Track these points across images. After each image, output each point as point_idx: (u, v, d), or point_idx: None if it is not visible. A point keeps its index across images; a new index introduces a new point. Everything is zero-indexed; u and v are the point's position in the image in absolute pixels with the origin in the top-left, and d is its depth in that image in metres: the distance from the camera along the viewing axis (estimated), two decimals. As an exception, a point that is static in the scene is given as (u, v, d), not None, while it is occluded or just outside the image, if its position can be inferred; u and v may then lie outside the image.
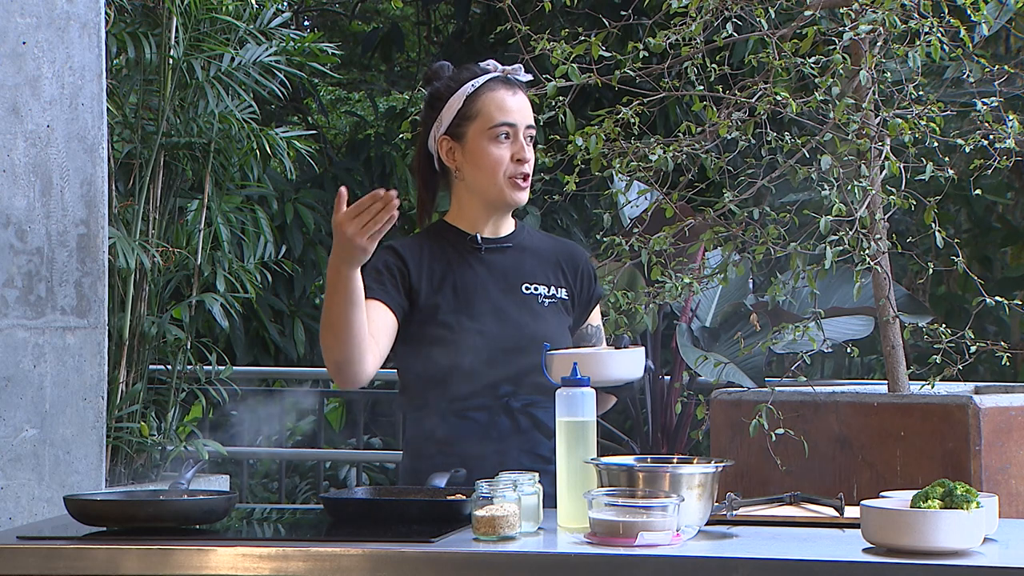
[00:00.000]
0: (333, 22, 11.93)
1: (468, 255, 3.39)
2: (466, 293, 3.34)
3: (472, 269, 3.37)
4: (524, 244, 3.45)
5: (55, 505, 4.60)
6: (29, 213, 4.83)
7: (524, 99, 3.40)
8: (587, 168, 4.46)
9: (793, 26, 4.39)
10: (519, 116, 3.37)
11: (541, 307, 3.38)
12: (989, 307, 4.37)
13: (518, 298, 3.37)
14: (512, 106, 3.36)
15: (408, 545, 2.69)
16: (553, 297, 3.41)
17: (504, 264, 3.40)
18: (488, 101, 3.36)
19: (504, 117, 3.35)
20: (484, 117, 3.35)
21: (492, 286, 3.36)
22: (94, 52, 4.94)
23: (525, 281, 3.40)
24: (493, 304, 3.34)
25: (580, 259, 3.50)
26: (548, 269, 3.44)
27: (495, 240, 3.41)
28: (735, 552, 2.71)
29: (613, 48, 4.57)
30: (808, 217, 4.25)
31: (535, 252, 3.44)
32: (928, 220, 4.23)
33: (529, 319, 3.35)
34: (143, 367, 5.80)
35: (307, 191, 8.81)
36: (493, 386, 3.29)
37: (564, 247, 3.51)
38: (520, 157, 3.34)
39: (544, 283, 3.41)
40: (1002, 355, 4.32)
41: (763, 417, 4.17)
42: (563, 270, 3.45)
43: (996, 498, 2.85)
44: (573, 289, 3.45)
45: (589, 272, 3.49)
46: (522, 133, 3.36)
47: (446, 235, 3.42)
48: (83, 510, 2.88)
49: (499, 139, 3.34)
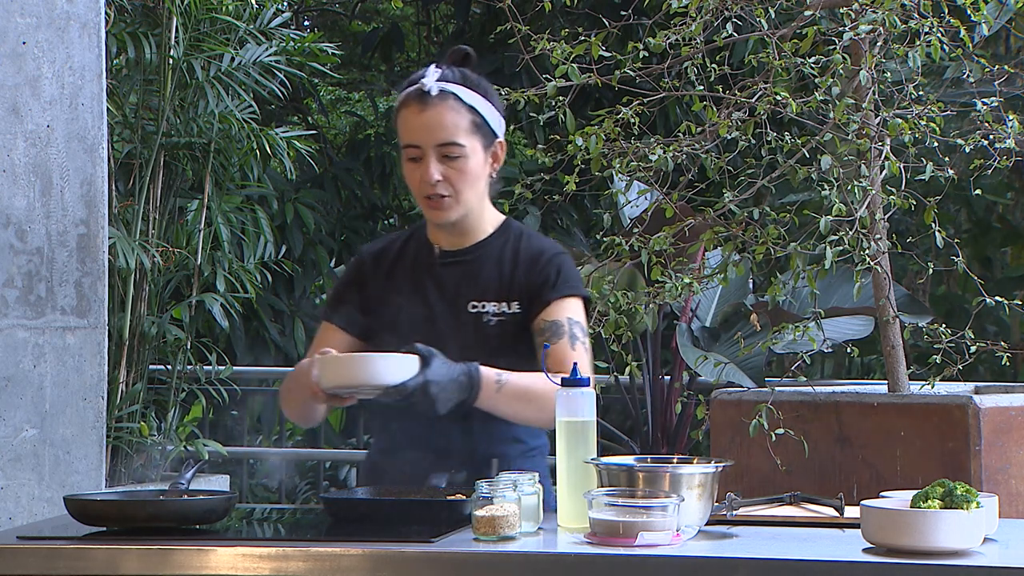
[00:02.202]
0: (333, 22, 11.92)
1: (425, 269, 3.30)
2: (413, 311, 3.27)
3: (424, 285, 3.29)
4: (486, 256, 3.29)
5: (55, 505, 4.60)
6: (29, 213, 4.83)
7: (438, 113, 3.21)
8: (587, 168, 4.46)
9: (793, 26, 4.39)
10: (424, 136, 3.20)
11: (486, 327, 3.24)
12: (989, 307, 4.37)
13: (462, 318, 3.25)
14: (416, 125, 3.21)
15: (408, 545, 2.69)
16: (502, 315, 3.25)
17: (456, 280, 3.28)
18: (401, 120, 3.25)
19: (409, 139, 3.23)
20: (400, 136, 3.26)
21: (440, 305, 3.26)
22: (94, 52, 4.94)
23: (474, 299, 3.26)
24: (436, 323, 3.25)
25: (540, 263, 3.28)
26: (501, 282, 3.27)
27: (454, 253, 3.30)
28: (735, 552, 2.71)
29: (613, 48, 4.58)
30: (808, 217, 4.25)
31: (494, 263, 3.29)
32: (928, 220, 4.23)
33: (472, 340, 3.22)
34: (143, 367, 5.80)
35: (307, 191, 8.80)
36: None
37: (529, 251, 3.30)
38: (424, 179, 3.21)
39: (495, 299, 3.25)
40: (1002, 355, 4.32)
41: (763, 417, 4.17)
42: (518, 279, 3.27)
43: (996, 498, 2.85)
44: (523, 298, 3.26)
45: (547, 277, 3.27)
46: (432, 153, 3.21)
47: (417, 242, 3.35)
48: (83, 510, 2.88)
49: (410, 160, 3.24)
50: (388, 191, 9.86)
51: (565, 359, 3.12)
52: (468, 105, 3.24)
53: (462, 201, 3.25)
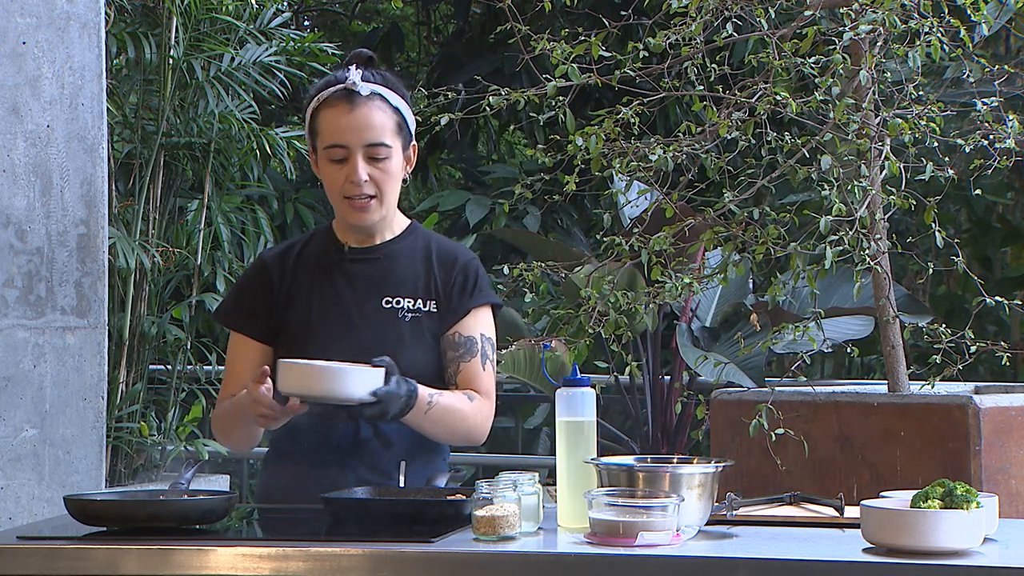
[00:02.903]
0: (333, 22, 11.92)
1: (334, 266, 3.29)
2: (322, 306, 3.26)
3: (333, 281, 3.28)
4: (396, 253, 3.31)
5: (55, 505, 4.60)
6: (29, 213, 4.83)
7: (366, 113, 3.22)
8: (587, 168, 4.46)
9: (793, 26, 4.39)
10: (352, 136, 3.20)
11: (400, 322, 3.25)
12: (989, 307, 4.37)
13: (376, 313, 3.25)
14: (344, 125, 3.21)
15: (408, 545, 2.69)
16: (417, 311, 3.26)
17: (368, 276, 3.28)
18: (324, 119, 3.23)
19: (335, 139, 3.22)
20: (322, 136, 3.24)
21: (349, 299, 3.26)
22: (94, 52, 4.94)
23: (387, 294, 3.27)
24: (347, 319, 3.25)
25: (456, 266, 3.31)
26: (417, 280, 3.29)
27: (364, 251, 3.30)
28: (735, 552, 2.71)
29: (613, 48, 4.57)
30: (808, 217, 4.25)
31: (409, 262, 3.30)
32: (928, 220, 4.23)
33: (384, 335, 3.23)
34: (143, 367, 5.80)
35: (307, 191, 8.81)
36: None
37: (444, 254, 3.33)
38: (351, 179, 3.21)
39: (410, 295, 3.27)
40: (1002, 355, 4.32)
41: (763, 417, 4.17)
42: (435, 279, 3.29)
43: (996, 498, 2.85)
44: (441, 298, 3.29)
45: (464, 280, 3.30)
46: (359, 153, 3.21)
47: (323, 241, 3.34)
48: (83, 510, 2.88)
49: (333, 160, 3.23)
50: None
51: (477, 378, 3.25)
52: (393, 106, 3.27)
53: (385, 202, 3.26)
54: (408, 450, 3.23)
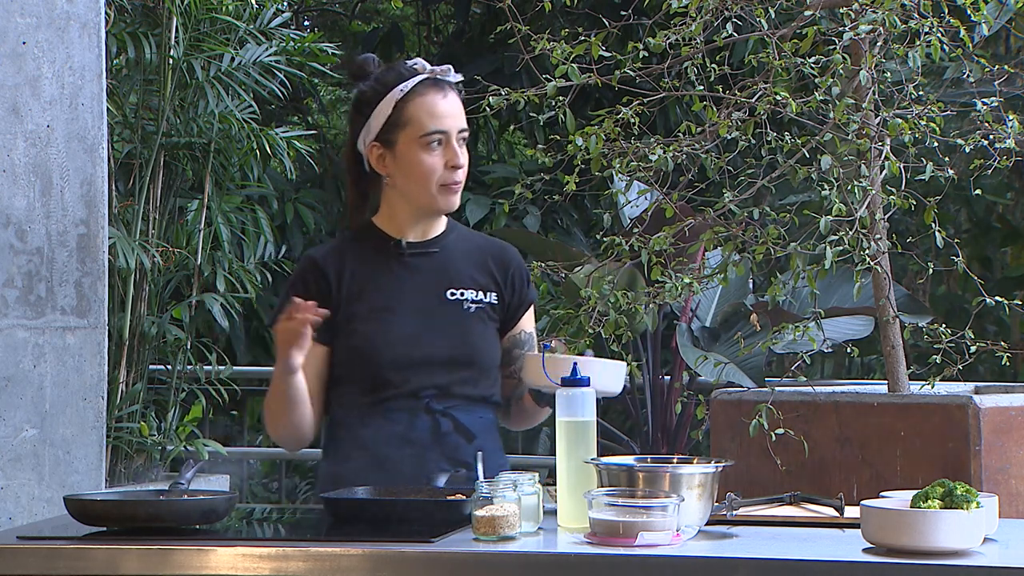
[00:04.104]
0: (333, 22, 11.91)
1: (392, 260, 3.31)
2: (388, 300, 3.27)
3: (395, 275, 3.29)
4: (452, 247, 3.35)
5: (55, 505, 4.60)
6: (29, 213, 4.83)
7: (456, 101, 3.29)
8: (587, 168, 4.46)
9: (793, 26, 4.39)
10: (451, 122, 3.27)
11: (467, 313, 3.29)
12: (989, 307, 4.37)
13: (443, 304, 3.29)
14: (443, 111, 3.26)
15: (408, 545, 2.69)
16: (480, 302, 3.31)
17: (429, 269, 3.31)
18: (418, 107, 3.26)
19: (435, 124, 3.25)
20: (415, 125, 3.26)
21: (415, 292, 3.28)
22: (94, 52, 4.94)
23: (451, 286, 3.31)
24: (416, 311, 3.27)
25: (511, 261, 3.39)
26: (476, 272, 3.34)
27: (421, 244, 3.33)
28: (735, 552, 2.71)
29: (613, 48, 4.57)
30: (808, 217, 4.25)
31: (464, 255, 3.35)
32: (928, 220, 4.23)
33: (453, 326, 3.27)
34: (143, 367, 5.80)
35: (307, 191, 8.81)
36: (414, 393, 3.24)
37: (495, 248, 3.41)
38: (453, 164, 3.26)
39: (472, 287, 3.32)
40: (1002, 355, 4.31)
41: (763, 417, 4.17)
42: (493, 273, 3.36)
43: (996, 498, 2.85)
44: (503, 292, 3.35)
45: (522, 276, 3.39)
46: (454, 138, 3.27)
47: (372, 238, 3.34)
48: (83, 510, 2.88)
49: (431, 147, 3.25)
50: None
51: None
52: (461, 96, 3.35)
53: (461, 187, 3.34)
54: (483, 442, 3.26)
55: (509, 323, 3.37)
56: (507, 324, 3.36)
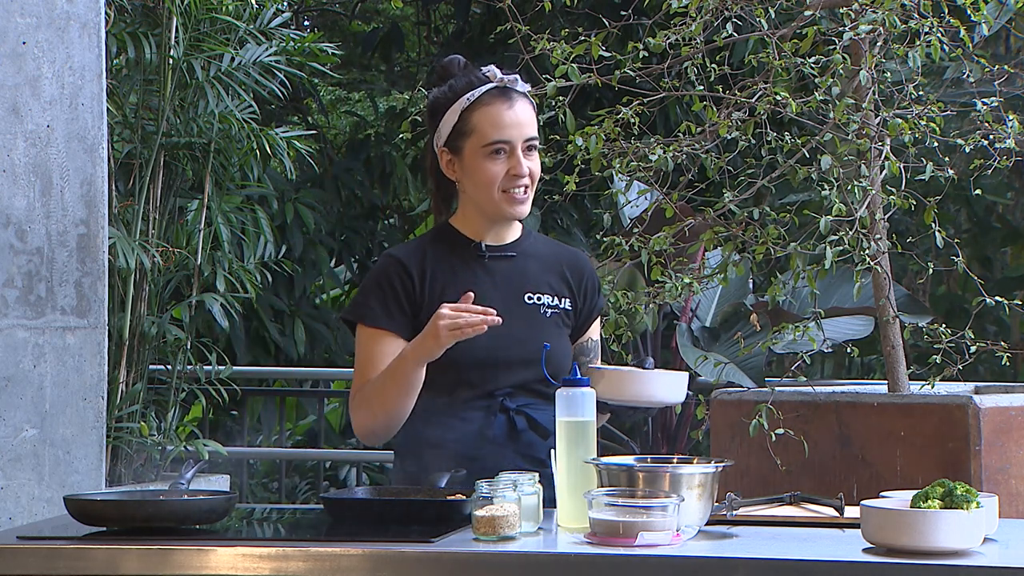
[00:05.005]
0: (333, 22, 11.91)
1: (472, 262, 3.34)
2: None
3: (476, 276, 3.32)
4: (529, 252, 3.39)
5: (55, 505, 4.60)
6: (29, 213, 4.83)
7: (524, 109, 3.32)
8: (587, 168, 4.46)
9: (793, 26, 4.39)
10: (515, 132, 3.29)
11: (543, 318, 3.34)
12: (989, 307, 4.37)
13: (521, 308, 3.32)
14: (508, 121, 3.29)
15: (408, 545, 2.69)
16: (556, 308, 3.36)
17: (508, 272, 3.35)
18: (483, 117, 3.29)
19: (498, 135, 3.28)
20: (479, 134, 3.29)
21: (495, 295, 3.29)
22: (94, 52, 4.94)
23: (528, 291, 3.35)
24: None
25: (585, 268, 3.44)
26: (552, 278, 3.38)
27: (499, 248, 3.36)
28: (735, 552, 2.71)
29: (613, 48, 4.57)
30: (808, 217, 4.25)
31: (540, 260, 3.39)
32: (928, 220, 4.23)
33: (531, 330, 3.30)
34: (143, 367, 5.80)
35: (307, 191, 8.81)
36: (490, 393, 3.27)
37: (570, 256, 3.45)
38: (516, 172, 3.28)
39: (548, 293, 3.37)
40: (1002, 355, 4.32)
41: (763, 417, 4.17)
42: (568, 280, 3.40)
43: (996, 498, 2.85)
44: (576, 300, 3.40)
45: (594, 283, 3.44)
46: (520, 147, 3.29)
47: (450, 239, 3.37)
48: (83, 510, 2.88)
49: (494, 156, 3.28)
50: (388, 191, 9.85)
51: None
52: (533, 104, 3.39)
53: (531, 196, 3.35)
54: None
55: (580, 330, 3.42)
56: (578, 331, 3.41)
